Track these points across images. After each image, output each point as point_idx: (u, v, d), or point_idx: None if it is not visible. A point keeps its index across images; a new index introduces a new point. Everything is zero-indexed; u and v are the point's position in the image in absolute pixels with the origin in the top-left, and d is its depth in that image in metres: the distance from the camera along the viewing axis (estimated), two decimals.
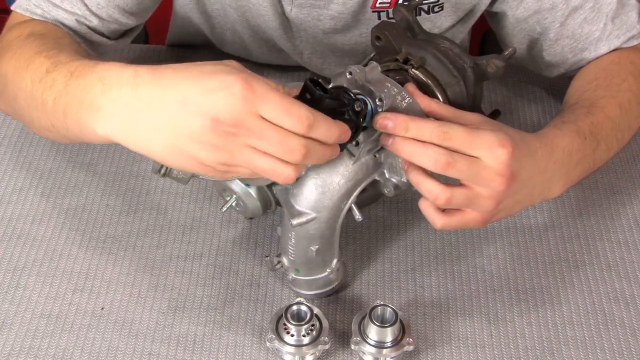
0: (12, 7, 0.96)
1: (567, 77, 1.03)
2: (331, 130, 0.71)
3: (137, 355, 0.84)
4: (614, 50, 1.00)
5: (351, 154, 0.80)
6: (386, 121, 0.75)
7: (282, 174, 0.72)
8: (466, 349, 0.86)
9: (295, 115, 0.69)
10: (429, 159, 0.75)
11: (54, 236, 0.95)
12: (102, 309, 0.88)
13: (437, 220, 0.79)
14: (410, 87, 0.80)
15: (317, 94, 0.72)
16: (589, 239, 0.97)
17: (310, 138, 0.71)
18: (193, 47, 1.19)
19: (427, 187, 0.76)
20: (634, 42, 1.01)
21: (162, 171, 0.83)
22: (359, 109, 0.74)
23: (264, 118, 0.69)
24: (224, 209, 0.89)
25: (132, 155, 1.03)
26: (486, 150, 0.75)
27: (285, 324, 0.82)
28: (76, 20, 0.94)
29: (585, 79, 0.99)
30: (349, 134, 0.73)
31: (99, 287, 0.90)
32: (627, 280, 0.93)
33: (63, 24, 0.94)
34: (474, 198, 0.77)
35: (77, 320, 0.87)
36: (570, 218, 0.99)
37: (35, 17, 0.93)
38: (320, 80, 0.73)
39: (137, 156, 1.04)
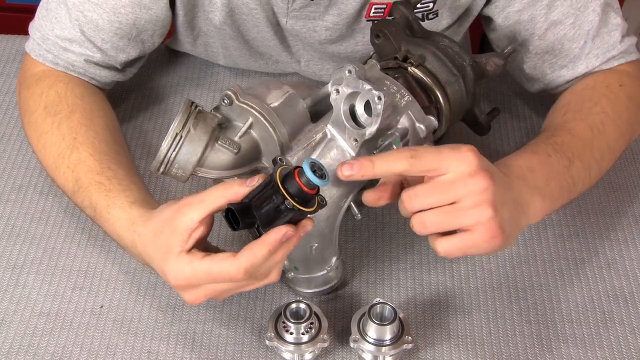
0: (26, 49, 1.02)
1: (549, 95, 1.03)
2: (262, 255, 0.74)
3: (136, 353, 0.84)
4: (592, 72, 0.99)
5: (350, 153, 0.80)
6: (349, 169, 0.74)
7: (267, 284, 0.79)
8: (465, 347, 0.86)
9: (226, 277, 0.76)
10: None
11: (53, 234, 0.95)
12: (102, 307, 0.88)
13: (437, 243, 0.77)
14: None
15: (234, 227, 0.74)
16: (588, 237, 0.97)
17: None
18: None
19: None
20: (615, 63, 0.99)
21: (162, 169, 0.83)
22: (290, 207, 0.72)
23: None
24: None
25: (131, 152, 1.03)
26: (454, 159, 0.75)
27: (284, 322, 0.82)
28: (85, 60, 0.99)
29: (557, 106, 0.99)
30: (283, 231, 0.73)
31: (98, 285, 0.90)
32: (626, 278, 0.93)
33: (73, 66, 0.99)
34: (461, 210, 0.75)
35: (76, 319, 0.87)
36: (570, 216, 0.99)
37: (47, 63, 0.99)
38: (230, 212, 0.74)
39: (136, 154, 1.04)
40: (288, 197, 0.71)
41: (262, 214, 0.73)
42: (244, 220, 0.73)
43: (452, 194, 0.75)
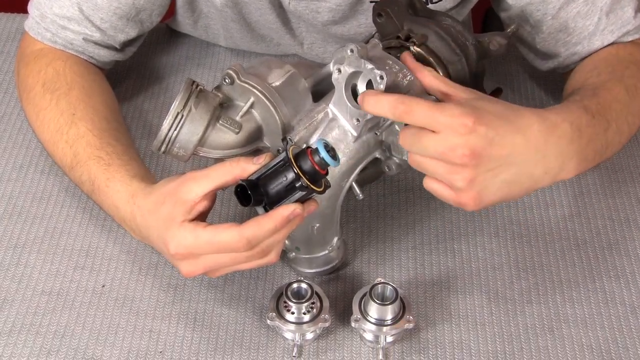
0: (25, 27, 1.01)
1: (559, 73, 1.02)
2: (267, 229, 0.74)
3: (137, 332, 0.85)
4: (608, 45, 0.98)
5: (352, 133, 0.79)
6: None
7: (265, 264, 0.79)
8: (466, 327, 0.86)
9: (228, 247, 0.76)
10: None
11: (55, 214, 0.95)
12: (103, 286, 0.89)
13: (425, 180, 0.77)
14: (409, 60, 0.80)
15: (245, 203, 0.74)
16: (589, 217, 0.97)
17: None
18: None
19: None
20: (629, 38, 0.98)
21: (163, 148, 0.83)
22: (304, 184, 0.72)
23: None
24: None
25: (132, 133, 1.03)
26: (446, 125, 0.73)
27: (285, 302, 0.82)
28: (83, 39, 0.98)
29: (585, 69, 0.97)
30: (292, 208, 0.74)
31: (100, 265, 0.90)
32: (628, 258, 0.93)
33: (72, 45, 0.98)
34: (448, 170, 0.74)
35: (77, 298, 0.87)
36: (572, 196, 0.99)
37: (45, 41, 0.99)
38: (240, 187, 0.74)
39: (137, 135, 1.04)
40: (301, 175, 0.72)
41: (270, 192, 0.74)
42: (255, 196, 0.74)
43: (433, 151, 0.74)
